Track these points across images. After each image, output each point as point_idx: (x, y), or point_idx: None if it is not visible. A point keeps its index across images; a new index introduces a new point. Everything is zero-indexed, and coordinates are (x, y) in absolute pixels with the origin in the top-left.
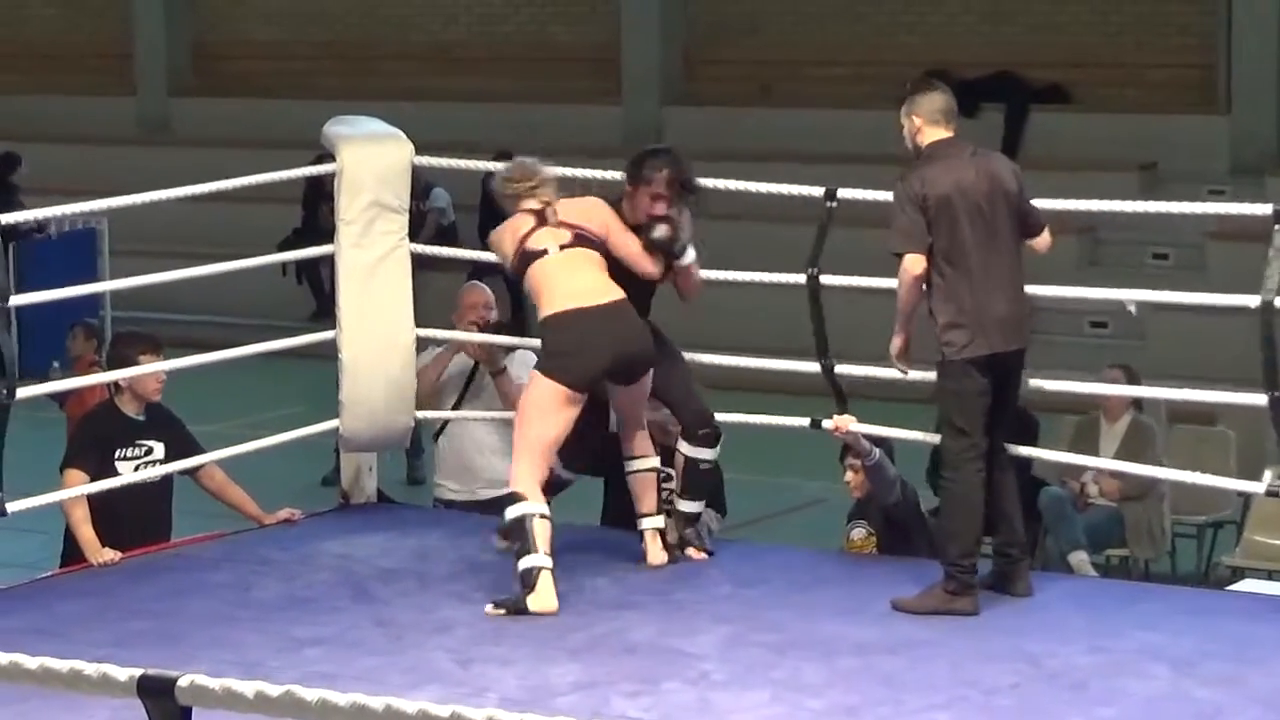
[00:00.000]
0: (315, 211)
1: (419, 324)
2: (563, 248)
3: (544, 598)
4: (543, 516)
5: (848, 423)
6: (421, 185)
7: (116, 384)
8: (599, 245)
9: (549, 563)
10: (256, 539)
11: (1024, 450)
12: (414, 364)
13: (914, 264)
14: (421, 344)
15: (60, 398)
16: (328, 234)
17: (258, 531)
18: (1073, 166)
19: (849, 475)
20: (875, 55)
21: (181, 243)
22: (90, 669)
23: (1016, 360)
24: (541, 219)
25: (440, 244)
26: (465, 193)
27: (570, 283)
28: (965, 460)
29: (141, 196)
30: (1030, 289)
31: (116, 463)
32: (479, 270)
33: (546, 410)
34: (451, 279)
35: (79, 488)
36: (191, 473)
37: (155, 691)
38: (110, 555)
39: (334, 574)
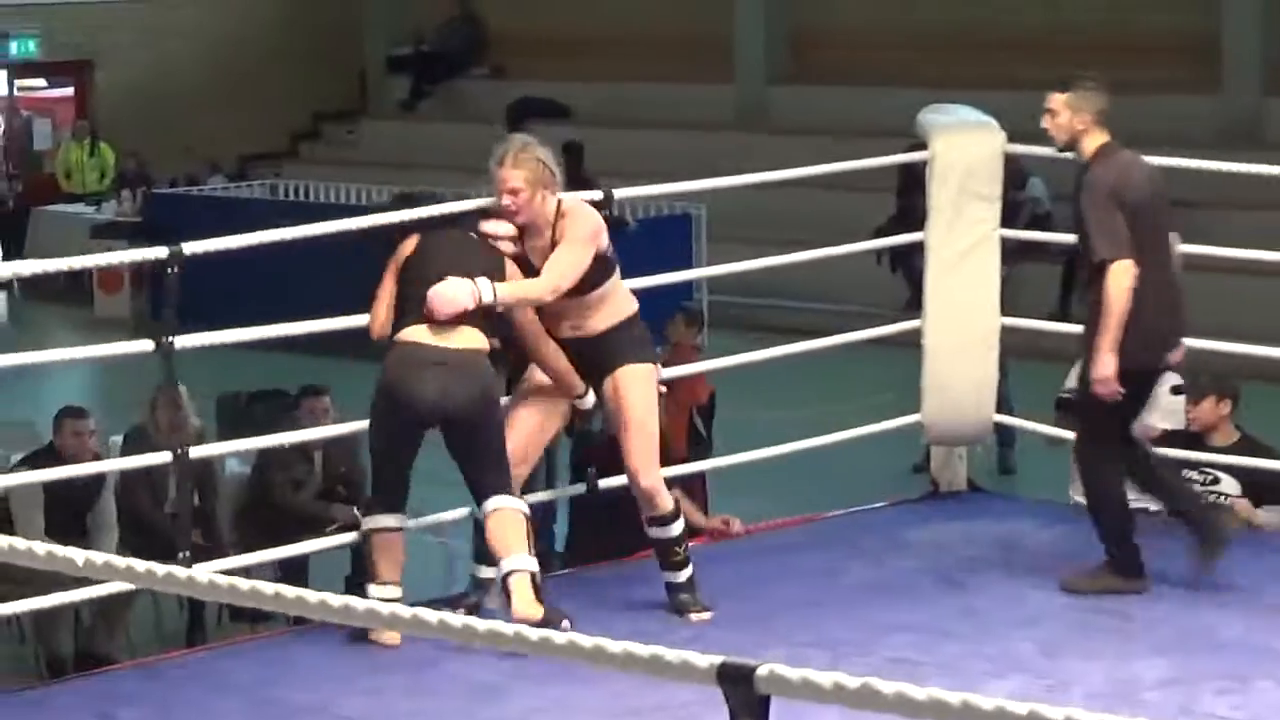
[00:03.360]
0: (911, 200)
1: (1008, 314)
2: None
3: None
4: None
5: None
6: (1019, 174)
7: None
8: None
9: None
10: (845, 524)
11: None
12: (996, 355)
13: (1129, 270)
14: (1004, 333)
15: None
16: (921, 223)
17: (846, 516)
18: None
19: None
20: None
21: (777, 229)
22: (672, 655)
23: None
24: None
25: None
26: (1061, 182)
27: None
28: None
29: (738, 179)
30: None
31: None
32: (1071, 261)
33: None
34: (1043, 268)
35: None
36: None
37: (735, 679)
38: None
39: (921, 561)
